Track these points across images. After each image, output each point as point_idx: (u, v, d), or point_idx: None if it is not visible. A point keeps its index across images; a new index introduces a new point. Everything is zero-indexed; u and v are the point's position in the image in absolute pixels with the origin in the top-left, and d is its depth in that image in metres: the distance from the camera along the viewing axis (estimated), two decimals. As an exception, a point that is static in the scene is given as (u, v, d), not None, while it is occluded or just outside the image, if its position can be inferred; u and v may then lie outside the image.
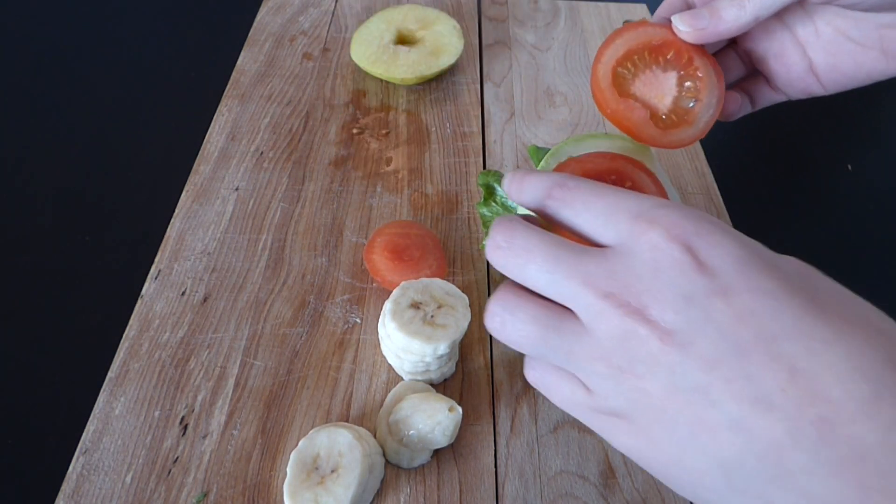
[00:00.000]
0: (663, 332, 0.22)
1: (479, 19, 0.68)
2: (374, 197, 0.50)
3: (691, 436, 0.22)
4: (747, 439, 0.21)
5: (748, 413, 0.21)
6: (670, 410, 0.22)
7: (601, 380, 0.24)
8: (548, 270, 0.24)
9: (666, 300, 0.22)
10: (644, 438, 0.23)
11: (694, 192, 0.52)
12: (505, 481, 0.35)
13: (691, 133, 0.33)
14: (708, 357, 0.21)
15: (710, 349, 0.21)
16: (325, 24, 0.66)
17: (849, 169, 0.60)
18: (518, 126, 0.56)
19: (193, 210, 0.48)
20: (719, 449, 0.21)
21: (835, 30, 0.34)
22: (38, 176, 0.53)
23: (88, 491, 0.34)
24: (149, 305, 0.42)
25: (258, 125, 0.55)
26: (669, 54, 0.34)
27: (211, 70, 0.61)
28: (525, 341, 0.25)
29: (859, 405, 0.19)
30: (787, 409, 0.20)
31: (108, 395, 0.38)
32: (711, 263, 0.22)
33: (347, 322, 0.42)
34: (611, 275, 0.23)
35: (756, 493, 0.21)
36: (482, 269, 0.45)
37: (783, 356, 0.20)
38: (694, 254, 0.22)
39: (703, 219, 0.23)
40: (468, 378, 0.40)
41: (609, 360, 0.23)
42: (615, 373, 0.23)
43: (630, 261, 0.23)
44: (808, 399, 0.20)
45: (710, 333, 0.21)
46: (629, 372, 0.23)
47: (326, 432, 0.34)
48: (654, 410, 0.22)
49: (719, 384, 0.21)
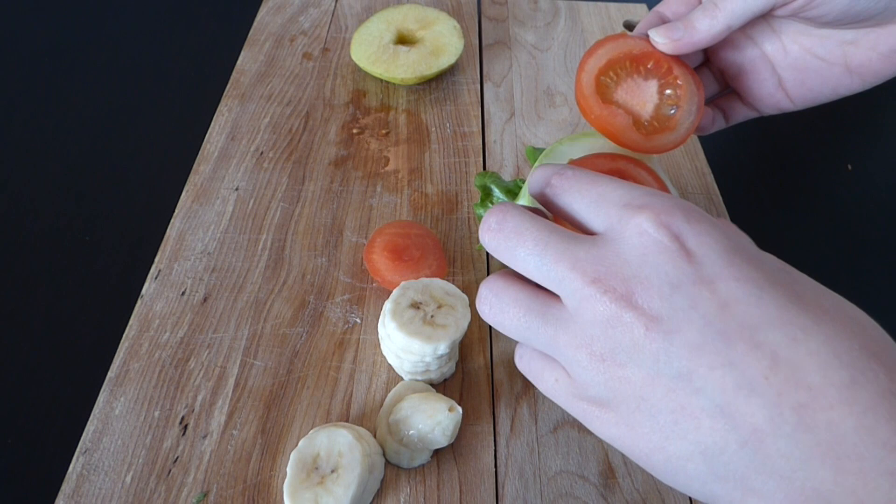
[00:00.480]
0: (649, 318, 0.22)
1: (479, 19, 0.68)
2: (374, 197, 0.50)
3: (673, 423, 0.22)
4: (730, 425, 0.21)
5: (731, 399, 0.21)
6: (652, 398, 0.22)
7: (582, 368, 0.24)
8: (536, 254, 0.25)
9: (652, 286, 0.22)
10: (625, 426, 0.24)
11: (694, 192, 0.52)
12: (505, 481, 0.35)
13: (673, 138, 0.34)
14: (692, 344, 0.22)
15: (695, 336, 0.22)
16: (325, 24, 0.66)
17: (849, 169, 0.60)
18: (518, 126, 0.56)
19: (193, 210, 0.48)
20: (701, 435, 0.22)
21: (801, 47, 0.36)
22: (39, 176, 0.53)
23: (88, 491, 0.34)
24: (149, 305, 0.42)
25: (258, 125, 0.55)
26: (650, 64, 0.35)
27: (211, 70, 0.62)
28: (510, 324, 0.26)
29: (838, 391, 0.20)
30: (768, 396, 0.20)
31: (108, 395, 0.38)
32: (698, 252, 0.23)
33: (347, 322, 0.42)
34: (598, 260, 0.23)
35: (737, 480, 0.21)
36: (482, 269, 0.45)
37: (766, 344, 0.21)
38: (682, 241, 0.23)
39: (691, 208, 0.24)
40: (468, 378, 0.40)
41: (591, 348, 0.23)
42: (596, 361, 0.23)
43: (618, 246, 0.23)
44: (789, 385, 0.20)
45: (696, 321, 0.22)
46: (610, 360, 0.23)
47: (326, 432, 0.34)
48: (636, 398, 0.23)
49: (703, 371, 0.21)
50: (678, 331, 0.22)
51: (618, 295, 0.23)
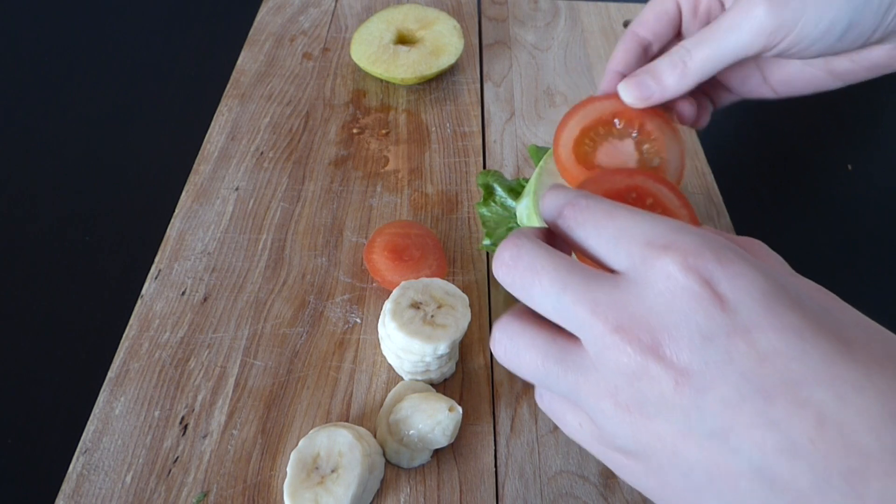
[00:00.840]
0: (678, 371, 0.20)
1: (479, 19, 0.68)
2: (374, 197, 0.50)
3: (709, 482, 0.20)
4: (770, 490, 0.19)
5: (772, 462, 0.19)
6: (684, 454, 0.21)
7: (607, 419, 0.22)
8: (554, 294, 0.23)
9: (682, 338, 0.20)
10: (655, 479, 0.22)
11: (694, 192, 0.52)
12: (505, 481, 0.35)
13: None
14: (729, 401, 0.20)
15: (732, 393, 0.20)
16: (325, 24, 0.66)
17: (849, 169, 0.60)
18: (518, 126, 0.56)
19: (193, 210, 0.48)
20: (739, 498, 0.20)
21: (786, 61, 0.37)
22: (39, 176, 0.53)
23: (88, 491, 0.34)
24: (149, 305, 0.42)
25: (258, 125, 0.55)
26: (621, 124, 0.35)
27: (211, 70, 0.62)
28: (527, 371, 0.24)
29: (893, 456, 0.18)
30: (814, 460, 0.19)
31: (108, 395, 0.38)
32: (732, 298, 0.20)
33: (347, 322, 0.42)
34: (622, 306, 0.21)
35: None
36: (482, 269, 0.45)
37: (811, 402, 0.19)
38: (713, 287, 0.21)
39: (722, 246, 0.21)
40: (468, 378, 0.40)
41: (616, 398, 0.22)
42: (622, 412, 0.22)
43: (643, 291, 0.21)
44: (837, 449, 0.18)
45: (731, 376, 0.20)
46: (638, 412, 0.21)
47: (326, 432, 0.34)
48: (667, 453, 0.21)
49: (740, 430, 0.20)
50: (711, 387, 0.20)
51: (643, 346, 0.21)
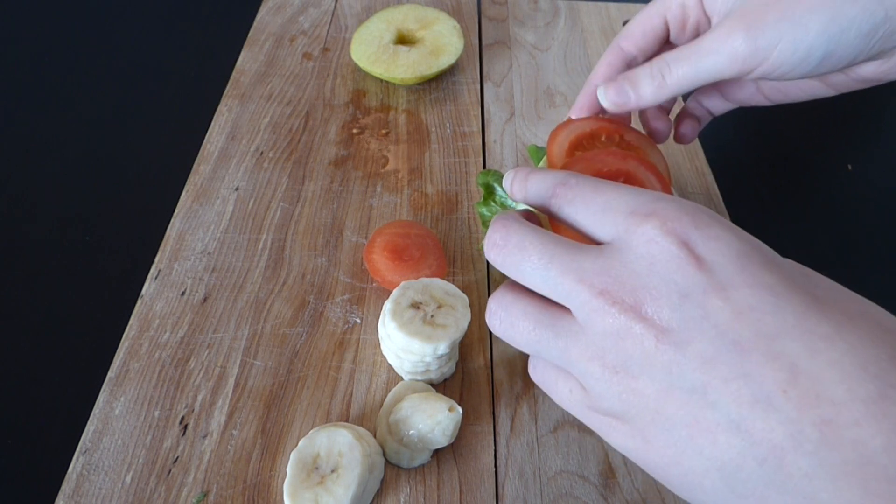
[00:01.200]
0: (659, 329, 0.21)
1: (479, 19, 0.68)
2: (374, 197, 0.50)
3: (689, 437, 0.21)
4: (747, 442, 0.20)
5: (747, 414, 0.20)
6: (666, 411, 0.22)
7: (595, 380, 0.23)
8: (542, 268, 0.24)
9: (661, 297, 0.22)
10: (640, 439, 0.23)
11: (694, 192, 0.52)
12: (505, 481, 0.35)
13: None
14: (705, 356, 0.21)
15: (708, 347, 0.21)
16: (325, 24, 0.66)
17: (849, 169, 0.60)
18: (518, 126, 0.56)
19: (193, 210, 0.48)
20: (718, 451, 0.21)
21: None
22: (39, 176, 0.53)
23: (88, 491, 0.34)
24: (149, 305, 0.42)
25: (258, 125, 0.55)
26: (602, 138, 0.37)
27: (211, 70, 0.62)
28: (520, 338, 0.25)
29: (864, 406, 0.19)
30: (788, 411, 0.19)
31: (108, 395, 0.38)
32: (709, 258, 0.22)
33: (347, 322, 0.42)
34: (605, 271, 0.23)
35: (757, 498, 0.20)
36: (482, 269, 0.45)
37: (784, 354, 0.20)
38: (691, 248, 0.22)
39: (700, 211, 0.23)
40: (468, 378, 0.40)
41: (603, 360, 0.23)
42: (609, 373, 0.23)
43: (625, 256, 0.23)
44: (810, 400, 0.19)
45: (708, 331, 0.21)
46: (623, 372, 0.22)
47: (326, 432, 0.34)
48: (650, 411, 0.22)
49: (717, 384, 0.20)
50: (690, 342, 0.21)
51: (626, 306, 0.22)
